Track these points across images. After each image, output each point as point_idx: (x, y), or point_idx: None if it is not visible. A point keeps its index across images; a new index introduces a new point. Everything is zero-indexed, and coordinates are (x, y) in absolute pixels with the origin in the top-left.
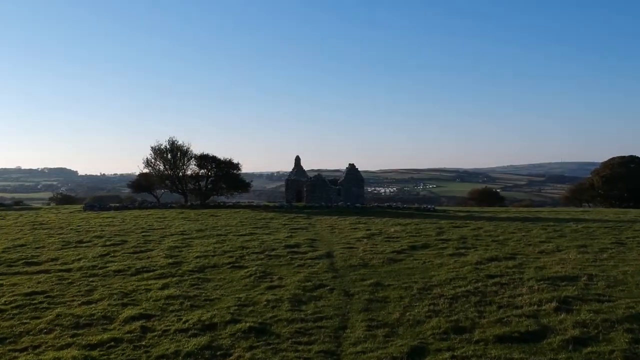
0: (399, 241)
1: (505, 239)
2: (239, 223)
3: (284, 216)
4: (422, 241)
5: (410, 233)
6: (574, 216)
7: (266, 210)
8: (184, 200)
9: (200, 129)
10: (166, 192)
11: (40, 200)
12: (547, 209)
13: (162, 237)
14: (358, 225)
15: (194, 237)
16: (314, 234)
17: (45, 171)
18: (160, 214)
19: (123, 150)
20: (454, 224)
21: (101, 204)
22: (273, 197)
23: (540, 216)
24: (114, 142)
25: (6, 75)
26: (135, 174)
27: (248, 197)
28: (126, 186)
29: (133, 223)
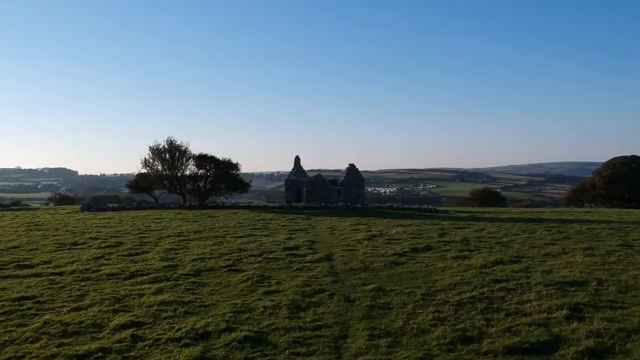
0: (401, 243)
1: (509, 240)
2: (237, 224)
3: (283, 217)
4: (424, 243)
5: (411, 235)
6: (577, 217)
7: (265, 211)
8: (182, 201)
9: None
10: (165, 193)
11: (40, 201)
12: (549, 209)
13: (159, 238)
14: (358, 227)
15: (191, 239)
16: (313, 235)
17: (45, 171)
18: (157, 215)
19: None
20: (456, 225)
21: (99, 205)
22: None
23: (543, 217)
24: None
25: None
26: (134, 174)
27: (248, 197)
28: (124, 186)
29: (130, 224)
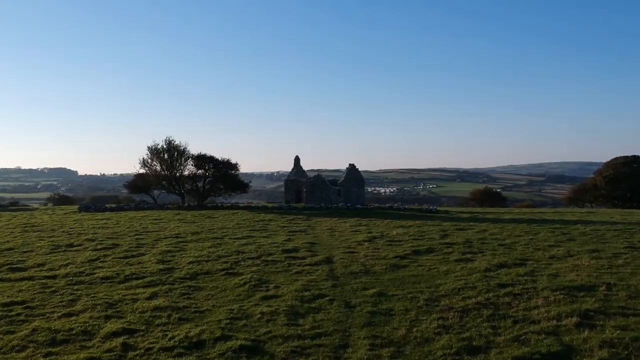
0: (402, 245)
1: (513, 242)
2: (236, 225)
3: (282, 218)
4: (426, 245)
5: (413, 236)
6: (580, 218)
7: (265, 212)
8: (181, 202)
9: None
10: (164, 193)
11: (39, 201)
12: (551, 210)
13: (156, 240)
14: (359, 228)
15: (188, 241)
16: (313, 237)
17: (45, 171)
18: (156, 216)
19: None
20: (457, 226)
21: (97, 205)
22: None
23: (546, 218)
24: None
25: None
26: (134, 174)
27: (247, 197)
28: (123, 187)
29: (127, 225)
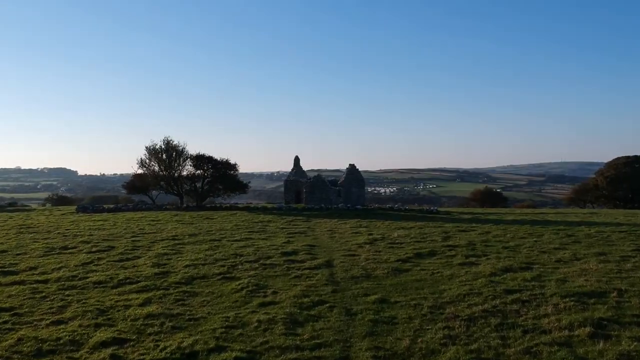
0: (404, 247)
1: (517, 245)
2: (234, 227)
3: (282, 219)
4: (428, 247)
5: (414, 238)
6: (583, 219)
7: (264, 213)
8: (179, 202)
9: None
10: (163, 193)
11: (39, 201)
12: (553, 211)
13: (152, 242)
14: (359, 229)
15: (185, 243)
16: (312, 239)
17: (45, 171)
18: (153, 217)
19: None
20: (459, 228)
21: (94, 206)
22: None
23: (549, 219)
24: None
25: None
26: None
27: (247, 197)
28: (121, 187)
29: (124, 226)
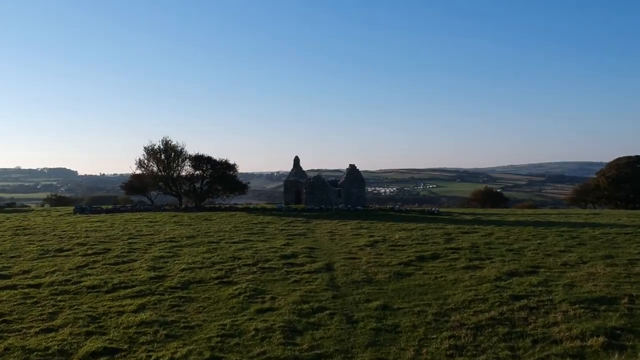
0: (405, 250)
1: (521, 247)
2: (233, 228)
3: (281, 220)
4: (431, 250)
5: (416, 240)
6: (586, 220)
7: (263, 214)
8: (178, 203)
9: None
10: (162, 194)
11: (39, 201)
12: (555, 211)
13: (150, 244)
14: (360, 231)
15: (183, 245)
16: (312, 241)
17: (44, 171)
18: (152, 218)
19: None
20: (461, 229)
21: (92, 207)
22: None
23: (551, 220)
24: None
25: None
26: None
27: (247, 197)
28: (119, 188)
29: (121, 228)
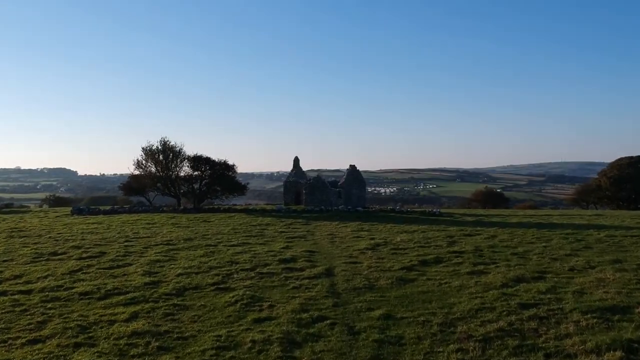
0: (407, 254)
1: (525, 251)
2: (231, 230)
3: (281, 222)
4: (433, 254)
5: (418, 243)
6: (589, 221)
7: (262, 215)
8: (177, 204)
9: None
10: (160, 195)
11: (38, 201)
12: (558, 212)
13: (146, 247)
14: (361, 233)
15: (180, 248)
16: (312, 243)
17: (44, 171)
18: (149, 219)
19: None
20: (464, 232)
21: (90, 208)
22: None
23: (554, 221)
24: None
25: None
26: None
27: (247, 197)
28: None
29: (118, 230)
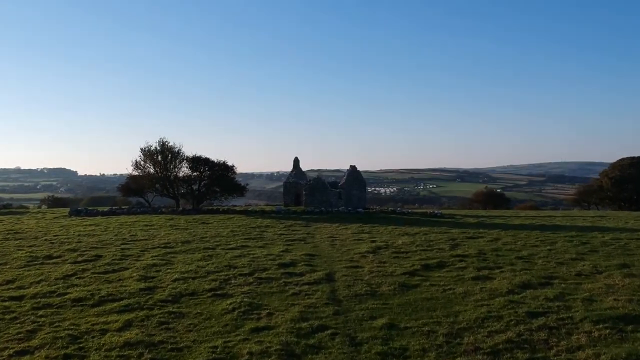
0: (410, 258)
1: (530, 254)
2: (230, 232)
3: (280, 223)
4: (436, 258)
5: (420, 246)
6: (593, 223)
7: (262, 217)
8: (175, 205)
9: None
10: (159, 196)
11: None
12: (560, 213)
13: (143, 250)
14: (361, 236)
15: (177, 252)
16: (312, 246)
17: (44, 171)
18: (147, 221)
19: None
20: (466, 234)
21: (87, 209)
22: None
23: (557, 223)
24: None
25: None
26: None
27: (247, 197)
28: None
29: (115, 232)
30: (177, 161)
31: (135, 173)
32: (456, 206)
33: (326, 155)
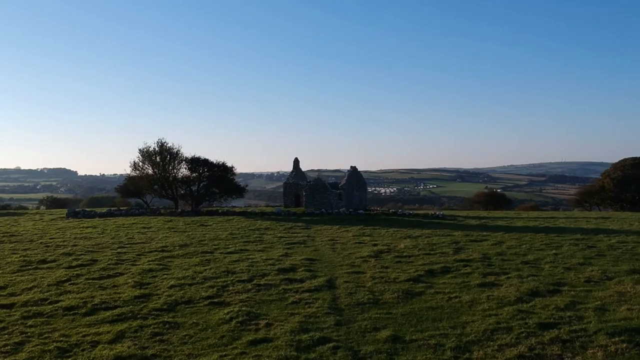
0: (413, 262)
1: (536, 259)
2: (229, 235)
3: (280, 225)
4: (440, 263)
5: (423, 250)
6: (597, 225)
7: (262, 218)
8: (174, 207)
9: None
10: (157, 197)
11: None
12: (563, 215)
13: (140, 254)
14: (363, 238)
15: (174, 256)
16: (312, 250)
17: (44, 171)
18: (145, 223)
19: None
20: (470, 237)
21: (85, 211)
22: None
23: (561, 225)
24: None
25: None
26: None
27: (247, 197)
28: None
29: (112, 235)
30: (176, 162)
31: (134, 174)
32: (457, 207)
33: (326, 155)
